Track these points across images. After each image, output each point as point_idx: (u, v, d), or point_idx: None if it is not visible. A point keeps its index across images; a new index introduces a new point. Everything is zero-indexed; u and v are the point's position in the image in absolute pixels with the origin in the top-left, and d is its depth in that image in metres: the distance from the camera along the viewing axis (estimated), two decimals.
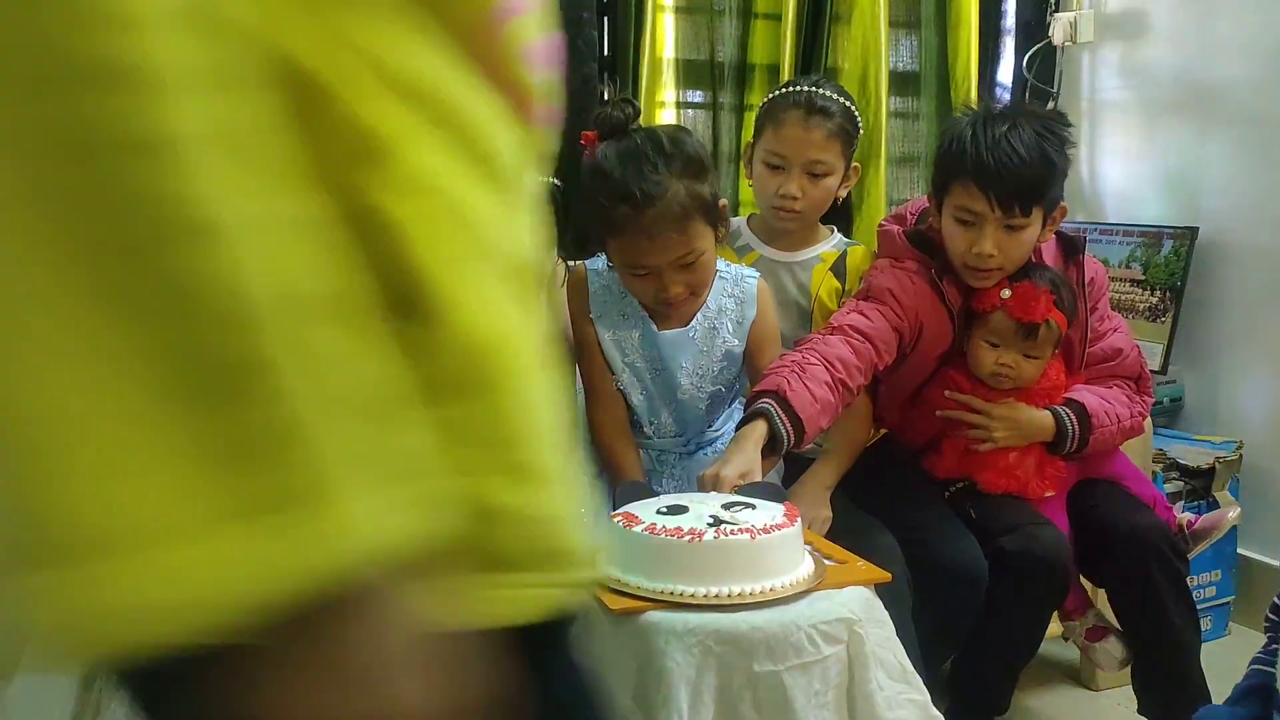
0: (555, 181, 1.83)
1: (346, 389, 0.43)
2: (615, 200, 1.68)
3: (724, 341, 1.86)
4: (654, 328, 1.85)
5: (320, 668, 0.43)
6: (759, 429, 1.67)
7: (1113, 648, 2.02)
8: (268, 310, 0.41)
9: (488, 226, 0.54)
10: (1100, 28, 2.96)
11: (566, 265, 2.06)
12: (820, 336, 1.86)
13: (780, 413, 1.68)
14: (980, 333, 1.93)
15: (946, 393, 1.97)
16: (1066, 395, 1.96)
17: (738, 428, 1.74)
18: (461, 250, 0.52)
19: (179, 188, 0.39)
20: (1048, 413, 1.94)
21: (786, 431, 1.68)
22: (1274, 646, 1.42)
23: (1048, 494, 1.98)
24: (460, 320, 0.51)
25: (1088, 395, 1.96)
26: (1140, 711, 2.02)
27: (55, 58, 0.38)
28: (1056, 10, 3.03)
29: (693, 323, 1.85)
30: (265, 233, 0.42)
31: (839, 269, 2.06)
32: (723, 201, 1.80)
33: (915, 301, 1.91)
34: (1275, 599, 1.46)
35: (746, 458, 1.63)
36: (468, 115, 0.53)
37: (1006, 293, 1.88)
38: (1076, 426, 1.92)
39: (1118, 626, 2.01)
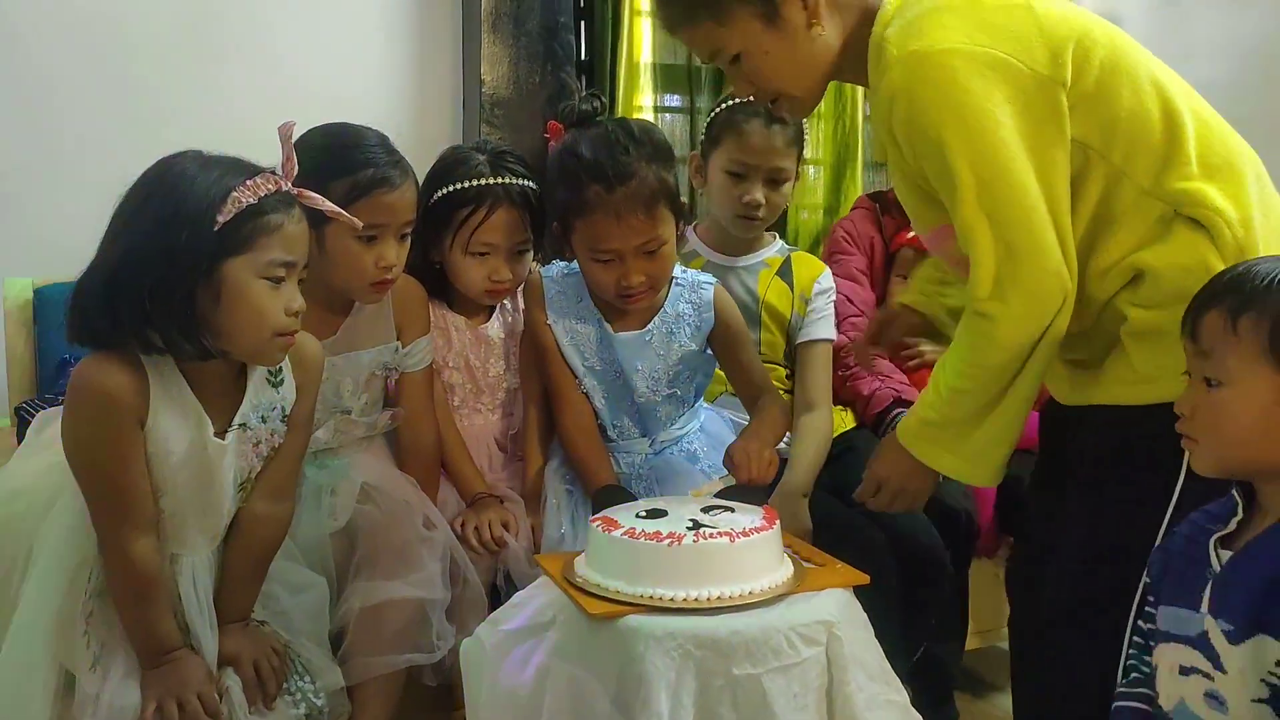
0: (532, 185, 1.84)
1: None
2: (587, 179, 1.71)
3: (681, 346, 1.88)
4: (609, 330, 1.86)
5: None
6: None
7: None
8: None
9: None
10: None
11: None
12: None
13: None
14: (894, 269, 2.38)
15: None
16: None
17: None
18: None
19: None
20: None
21: None
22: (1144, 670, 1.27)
23: None
24: None
25: None
26: None
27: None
28: None
29: (649, 326, 1.87)
30: None
31: (784, 272, 2.12)
32: (684, 199, 1.84)
33: (860, 228, 2.46)
34: (1139, 621, 1.30)
35: None
36: None
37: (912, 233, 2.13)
38: None
39: None
